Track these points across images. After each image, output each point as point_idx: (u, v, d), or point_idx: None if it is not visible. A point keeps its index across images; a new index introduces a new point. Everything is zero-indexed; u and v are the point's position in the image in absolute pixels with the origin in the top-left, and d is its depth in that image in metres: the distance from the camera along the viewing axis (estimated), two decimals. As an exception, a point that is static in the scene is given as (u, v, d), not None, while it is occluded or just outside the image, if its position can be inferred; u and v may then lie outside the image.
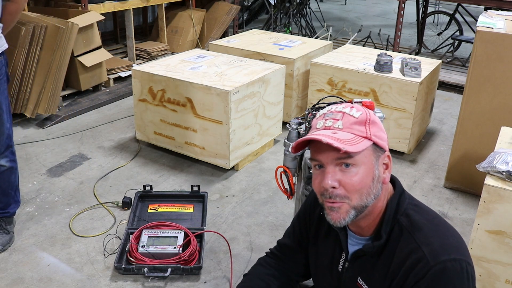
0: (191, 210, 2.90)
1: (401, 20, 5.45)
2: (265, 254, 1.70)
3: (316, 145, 1.25)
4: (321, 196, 1.27)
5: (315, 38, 6.54)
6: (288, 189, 2.14)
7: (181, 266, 2.38)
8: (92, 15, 4.48)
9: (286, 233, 1.66)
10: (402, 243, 1.25)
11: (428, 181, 3.41)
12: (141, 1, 5.37)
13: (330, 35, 6.58)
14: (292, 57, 3.98)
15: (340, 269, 1.42)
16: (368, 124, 1.24)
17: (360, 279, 1.35)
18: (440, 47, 6.57)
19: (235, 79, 3.33)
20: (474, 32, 3.06)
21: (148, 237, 2.52)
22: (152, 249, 2.44)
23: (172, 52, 5.85)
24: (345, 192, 1.22)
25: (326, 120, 1.26)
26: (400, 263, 1.24)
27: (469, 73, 3.02)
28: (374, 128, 1.25)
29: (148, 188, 3.00)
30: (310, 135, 1.25)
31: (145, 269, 2.36)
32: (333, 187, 1.22)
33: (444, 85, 5.28)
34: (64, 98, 4.48)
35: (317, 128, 1.27)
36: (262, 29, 6.29)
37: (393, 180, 1.36)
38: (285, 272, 1.61)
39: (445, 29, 6.96)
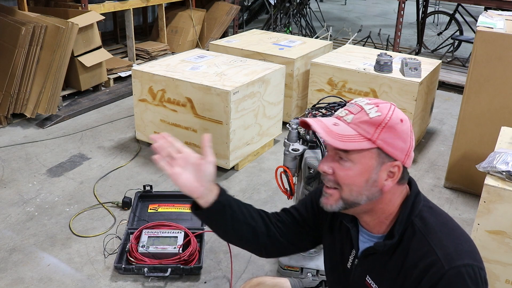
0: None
1: (401, 20, 5.45)
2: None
3: None
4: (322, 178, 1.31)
5: (315, 38, 6.54)
6: (288, 189, 2.15)
7: (181, 266, 2.38)
8: (92, 15, 4.48)
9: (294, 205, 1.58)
10: (415, 244, 1.24)
11: (428, 181, 3.41)
12: (141, 1, 5.37)
13: (330, 35, 6.58)
14: (292, 57, 3.98)
15: (349, 266, 1.40)
16: (381, 128, 1.20)
17: (369, 278, 1.34)
18: (440, 47, 6.57)
19: (235, 79, 3.33)
20: (474, 32, 3.06)
21: (148, 237, 2.52)
22: (152, 249, 2.44)
23: (172, 52, 5.85)
24: (336, 180, 1.24)
25: (345, 109, 1.27)
26: (412, 265, 1.22)
27: (469, 73, 3.02)
28: (387, 133, 1.20)
29: (148, 188, 2.99)
30: (313, 118, 1.27)
31: (145, 269, 2.36)
32: (325, 172, 1.25)
33: (444, 85, 5.28)
34: (64, 98, 4.48)
35: (333, 115, 1.30)
36: (262, 29, 6.29)
37: (409, 181, 1.34)
38: (274, 226, 1.49)
39: (445, 29, 6.96)
